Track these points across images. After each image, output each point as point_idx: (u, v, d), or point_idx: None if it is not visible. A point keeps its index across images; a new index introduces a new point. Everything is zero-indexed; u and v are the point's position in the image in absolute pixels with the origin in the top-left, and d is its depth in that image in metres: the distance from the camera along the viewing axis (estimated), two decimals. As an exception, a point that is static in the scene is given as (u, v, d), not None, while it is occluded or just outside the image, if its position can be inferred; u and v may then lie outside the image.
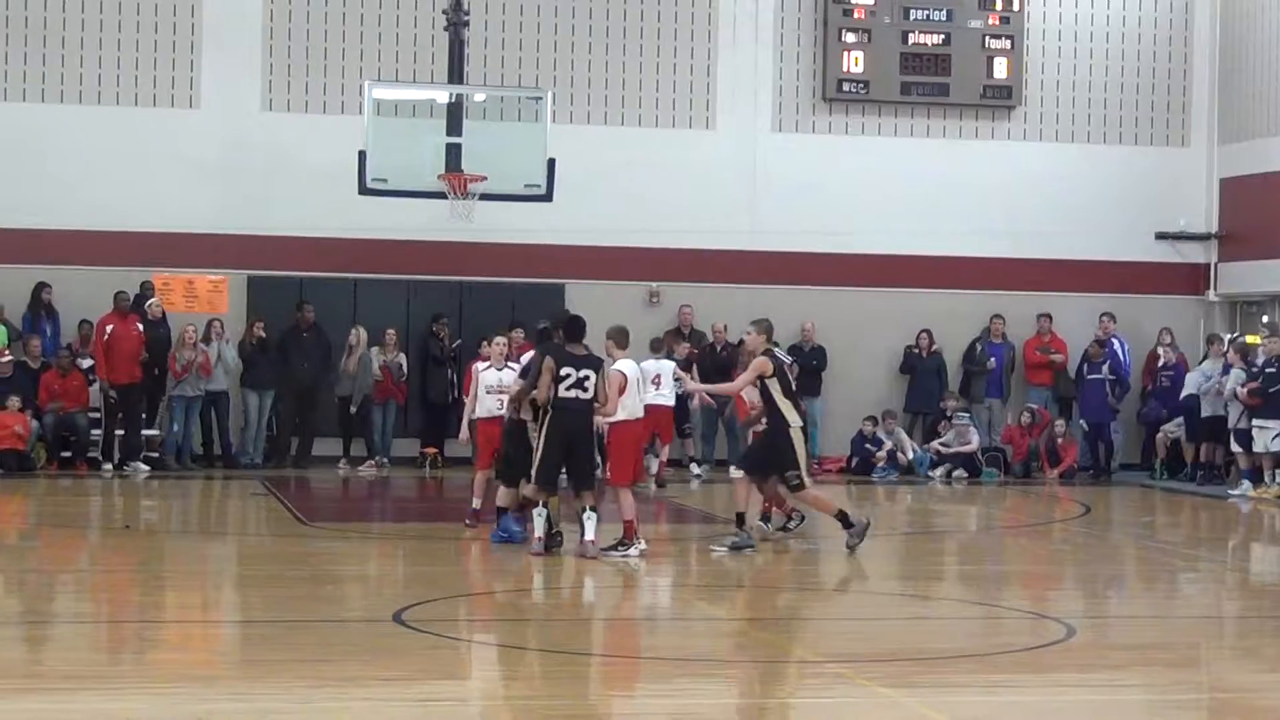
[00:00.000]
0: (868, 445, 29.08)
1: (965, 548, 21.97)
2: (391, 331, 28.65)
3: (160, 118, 28.76)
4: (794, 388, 19.11)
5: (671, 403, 26.26)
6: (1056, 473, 28.94)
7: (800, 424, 18.81)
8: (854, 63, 30.33)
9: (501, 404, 19.59)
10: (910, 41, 30.44)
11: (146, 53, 28.79)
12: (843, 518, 19.06)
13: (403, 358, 28.68)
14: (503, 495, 19.15)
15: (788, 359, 20.09)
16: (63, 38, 28.55)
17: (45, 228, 28.22)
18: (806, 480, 19.00)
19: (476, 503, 20.20)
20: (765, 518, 20.09)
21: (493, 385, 19.84)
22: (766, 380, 18.77)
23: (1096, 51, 31.33)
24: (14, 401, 26.50)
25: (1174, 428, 28.67)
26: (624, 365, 18.75)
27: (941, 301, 30.41)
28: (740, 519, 18.97)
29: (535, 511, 18.43)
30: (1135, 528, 24.07)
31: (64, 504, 24.06)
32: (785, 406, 18.74)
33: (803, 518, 20.38)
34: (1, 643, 13.91)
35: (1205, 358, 28.54)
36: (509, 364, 20.14)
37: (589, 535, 18.31)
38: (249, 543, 21.04)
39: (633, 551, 18.28)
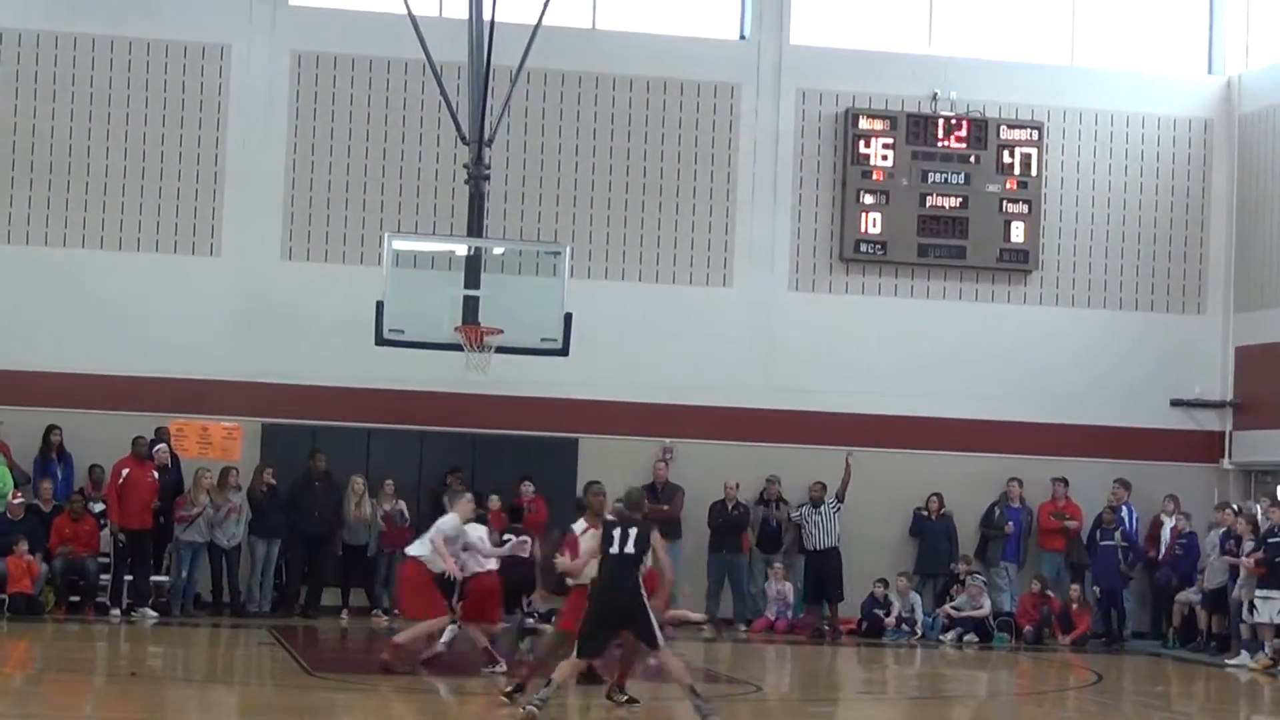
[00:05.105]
0: (877, 609, 28.88)
1: (975, 713, 21.78)
2: (390, 482, 28.58)
3: (181, 264, 28.91)
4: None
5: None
6: (1069, 639, 28.73)
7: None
8: (871, 224, 30.45)
9: None
10: (928, 204, 30.58)
11: (169, 199, 28.97)
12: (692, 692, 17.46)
13: (403, 505, 28.58)
14: None
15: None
16: (86, 183, 28.76)
17: (61, 370, 28.29)
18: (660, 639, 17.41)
19: None
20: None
21: None
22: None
23: (1114, 217, 31.43)
24: (22, 545, 26.44)
25: (1192, 593, 28.44)
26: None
27: (956, 464, 30.34)
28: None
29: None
30: (1146, 697, 23.87)
31: (70, 649, 23.96)
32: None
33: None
34: (-1, 790, 13.83)
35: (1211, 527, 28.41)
36: None
37: None
38: (253, 692, 20.91)
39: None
